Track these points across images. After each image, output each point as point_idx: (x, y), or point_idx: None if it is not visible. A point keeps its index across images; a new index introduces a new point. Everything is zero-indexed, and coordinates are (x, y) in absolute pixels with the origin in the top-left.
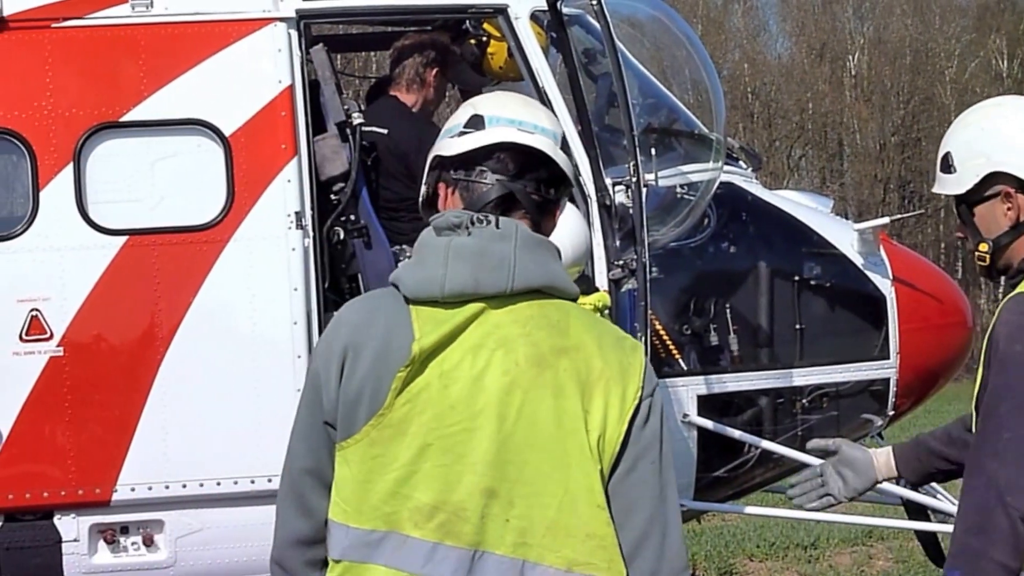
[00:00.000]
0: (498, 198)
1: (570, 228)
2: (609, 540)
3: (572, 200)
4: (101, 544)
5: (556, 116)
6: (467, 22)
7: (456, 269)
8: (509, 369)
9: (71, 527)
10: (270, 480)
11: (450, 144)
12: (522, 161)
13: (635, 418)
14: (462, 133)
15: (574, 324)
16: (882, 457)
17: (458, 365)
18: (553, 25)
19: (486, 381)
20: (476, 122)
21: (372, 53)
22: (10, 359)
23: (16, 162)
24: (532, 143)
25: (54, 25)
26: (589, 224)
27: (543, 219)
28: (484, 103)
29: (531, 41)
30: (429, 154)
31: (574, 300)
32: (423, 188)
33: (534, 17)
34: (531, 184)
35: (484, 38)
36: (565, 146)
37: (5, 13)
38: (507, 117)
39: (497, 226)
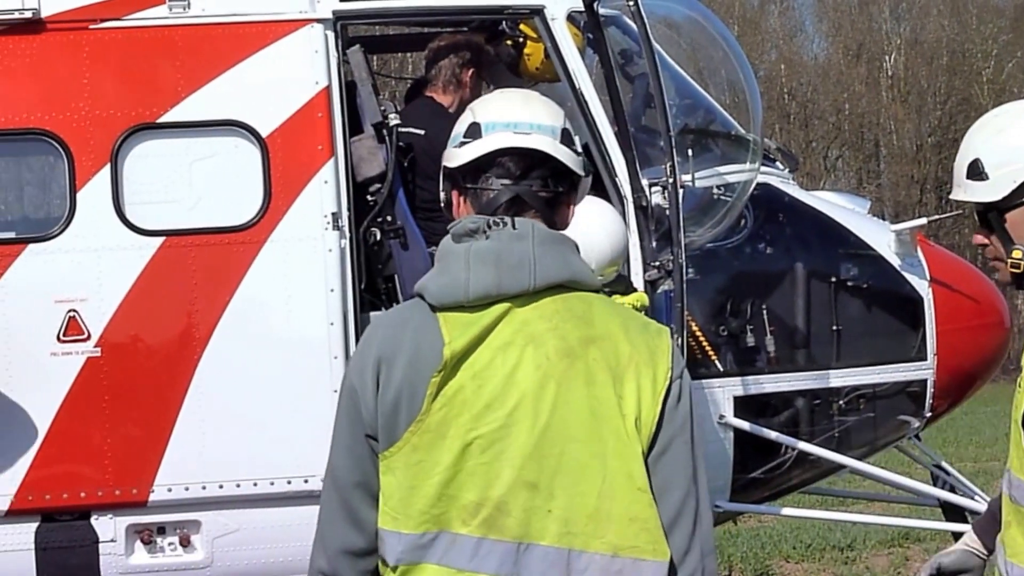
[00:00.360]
0: (507, 201)
1: (607, 227)
2: (652, 522)
3: (608, 200)
4: (138, 544)
5: (558, 107)
6: (503, 23)
7: (478, 272)
8: (540, 363)
9: (108, 527)
10: (306, 481)
11: (453, 155)
12: (524, 163)
13: (667, 398)
14: (462, 143)
15: (599, 314)
16: (973, 543)
17: (490, 364)
18: (590, 26)
19: (518, 377)
20: (474, 131)
21: (408, 54)
22: (48, 359)
23: (54, 163)
24: (530, 144)
25: (92, 26)
26: (626, 225)
27: (555, 214)
28: (481, 109)
29: (567, 42)
30: (441, 163)
31: (596, 291)
32: (441, 194)
33: (570, 18)
34: (537, 183)
35: (520, 39)
36: (567, 138)
37: (43, 15)
38: (503, 121)
39: (514, 227)
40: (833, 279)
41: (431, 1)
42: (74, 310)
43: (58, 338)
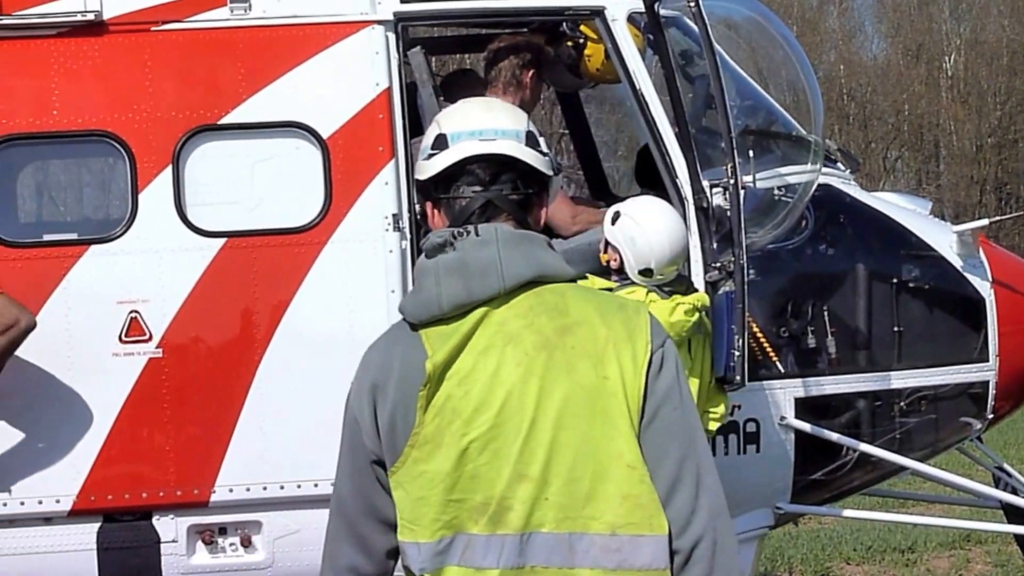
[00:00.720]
0: (479, 208)
1: (667, 227)
2: (645, 498)
3: (669, 200)
4: (199, 545)
5: (520, 112)
6: (564, 24)
7: (448, 284)
8: (520, 360)
9: (169, 528)
10: None
11: (423, 167)
12: (492, 168)
13: (649, 370)
14: (431, 155)
15: (573, 302)
16: None
17: (473, 369)
18: (650, 27)
19: (501, 377)
20: (440, 142)
21: (466, 56)
22: (110, 360)
23: (116, 165)
24: (495, 150)
25: (153, 28)
26: (686, 226)
27: (528, 215)
28: (446, 120)
29: (628, 43)
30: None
31: (572, 281)
32: (417, 207)
33: (631, 19)
34: (507, 187)
35: (581, 40)
36: (532, 140)
37: (105, 17)
38: (468, 130)
39: (477, 234)
40: (895, 280)
41: (492, 2)
42: (136, 311)
43: (120, 339)
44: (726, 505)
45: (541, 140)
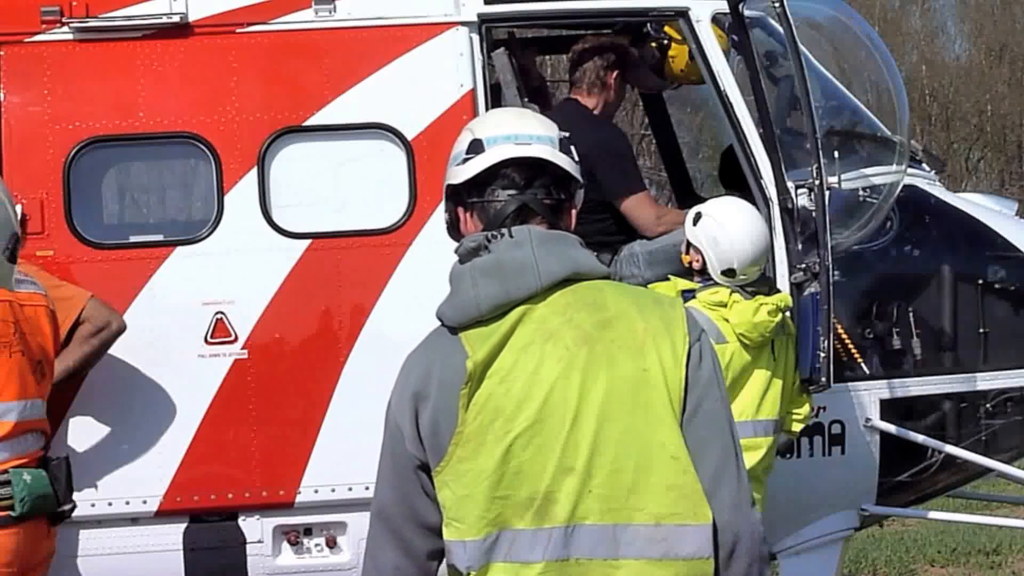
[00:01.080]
0: (514, 211)
1: (749, 227)
2: (689, 488)
3: (753, 202)
4: (285, 545)
5: (551, 121)
6: (648, 25)
7: (485, 286)
8: (561, 356)
9: (255, 528)
10: None
11: (457, 172)
12: (527, 172)
13: (689, 362)
14: (465, 160)
15: (610, 297)
16: None
17: (514, 367)
18: (734, 27)
19: (543, 373)
20: (476, 146)
21: (547, 57)
22: (196, 361)
23: (201, 166)
24: (531, 153)
25: (238, 30)
26: (770, 227)
27: (559, 220)
28: (480, 126)
29: (712, 44)
30: (444, 182)
31: (606, 278)
32: (444, 215)
33: (715, 19)
34: (541, 191)
35: (665, 41)
36: (564, 147)
37: (191, 18)
38: (503, 135)
39: (511, 236)
40: (980, 281)
41: (576, 4)
42: (221, 312)
43: (206, 340)
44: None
45: (572, 148)
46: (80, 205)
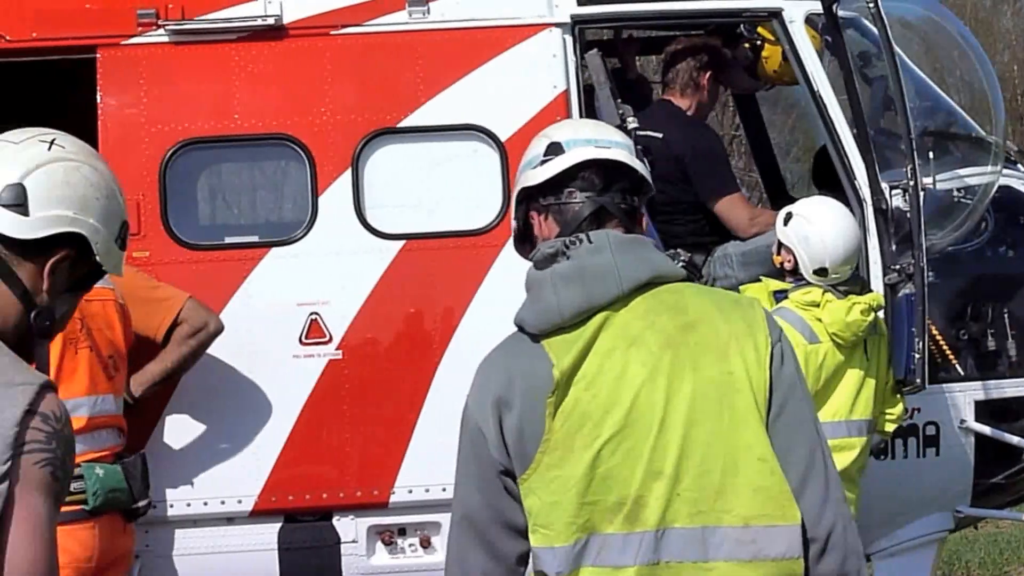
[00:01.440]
0: (591, 213)
1: (840, 225)
2: (776, 489)
3: (847, 202)
4: (379, 545)
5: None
6: (741, 26)
7: (566, 293)
8: (645, 360)
9: (349, 528)
10: None
11: (534, 174)
12: (605, 175)
13: (772, 363)
14: (544, 161)
15: (690, 300)
16: None
17: (599, 373)
18: (828, 28)
19: (628, 378)
20: (555, 149)
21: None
22: (291, 362)
23: (296, 168)
24: (612, 156)
25: (332, 32)
26: (863, 227)
27: (632, 226)
28: (557, 131)
29: (806, 44)
30: (514, 190)
31: (683, 281)
32: (513, 224)
33: (809, 20)
34: (617, 195)
35: (758, 42)
36: (639, 155)
37: (285, 20)
38: (583, 138)
39: (590, 241)
40: None
41: (669, 5)
42: (316, 313)
43: (300, 340)
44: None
45: (644, 160)
46: (176, 206)
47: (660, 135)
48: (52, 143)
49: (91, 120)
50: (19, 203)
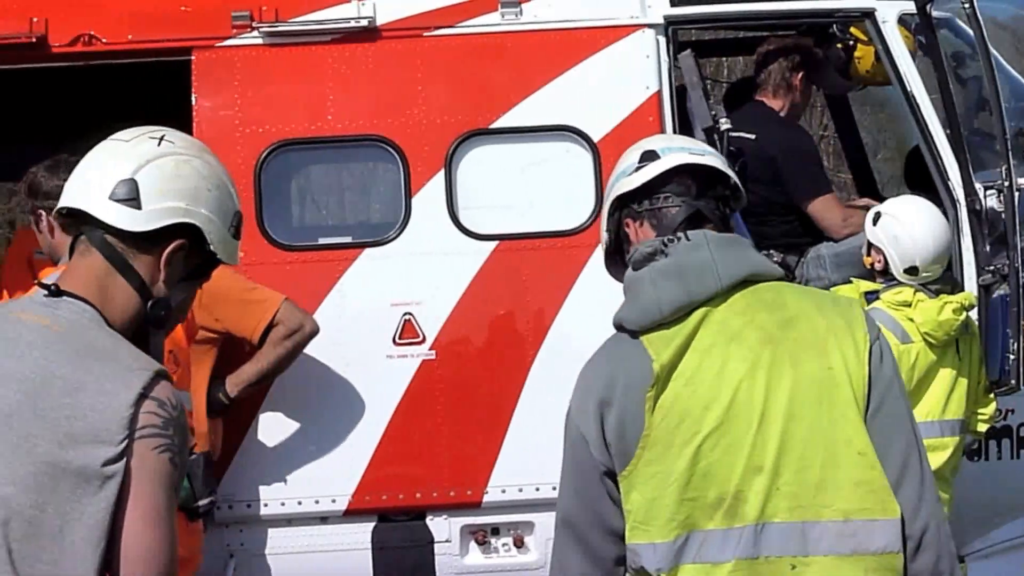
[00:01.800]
0: (687, 218)
1: (930, 223)
2: (877, 483)
3: (939, 203)
4: (472, 545)
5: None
6: (834, 26)
7: (666, 289)
8: (745, 356)
9: (443, 528)
10: None
11: (630, 181)
12: (700, 182)
13: (871, 359)
14: (639, 168)
15: (788, 297)
16: None
17: (698, 369)
18: (921, 28)
19: (728, 374)
20: (650, 156)
21: (724, 58)
22: (384, 362)
23: (389, 169)
24: (707, 163)
25: (425, 34)
26: (957, 229)
27: (728, 232)
28: (650, 142)
29: (899, 44)
30: (605, 202)
31: (780, 279)
32: (604, 236)
33: (902, 20)
34: (712, 202)
35: (851, 42)
36: (731, 157)
37: (378, 22)
38: (678, 146)
39: (687, 239)
40: None
41: (762, 5)
42: (410, 313)
43: (394, 341)
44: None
45: (738, 162)
46: (270, 208)
47: (753, 136)
48: (162, 139)
49: (186, 121)
50: (132, 197)
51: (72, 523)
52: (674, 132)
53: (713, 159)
